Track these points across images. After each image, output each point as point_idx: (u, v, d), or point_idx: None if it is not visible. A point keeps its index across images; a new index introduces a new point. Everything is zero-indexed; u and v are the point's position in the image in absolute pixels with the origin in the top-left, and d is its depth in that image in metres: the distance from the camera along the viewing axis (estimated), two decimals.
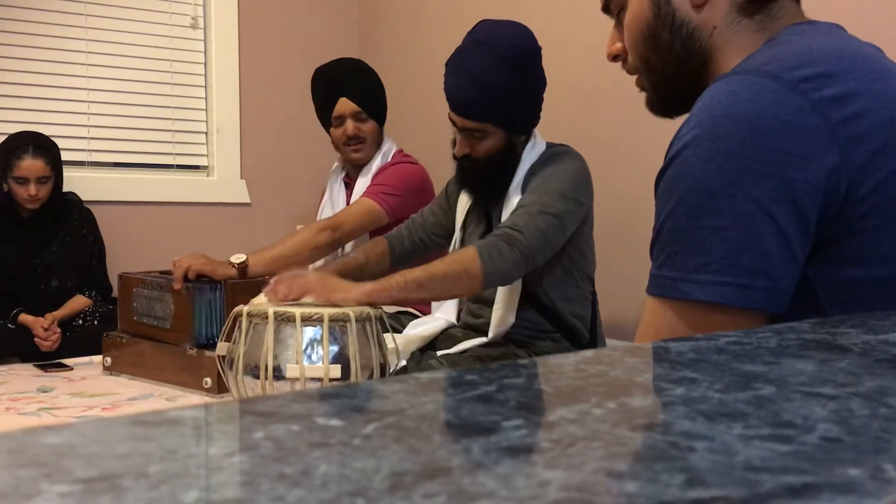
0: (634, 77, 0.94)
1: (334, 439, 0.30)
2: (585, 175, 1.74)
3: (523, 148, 1.78)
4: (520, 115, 1.73)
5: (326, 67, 2.34)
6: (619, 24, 0.94)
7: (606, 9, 0.96)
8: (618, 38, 0.94)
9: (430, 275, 1.55)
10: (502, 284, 1.67)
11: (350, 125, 2.26)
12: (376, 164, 2.30)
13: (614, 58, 0.95)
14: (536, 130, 1.82)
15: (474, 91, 1.68)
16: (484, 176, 1.77)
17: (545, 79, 1.79)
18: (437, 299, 1.83)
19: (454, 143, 1.80)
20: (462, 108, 1.72)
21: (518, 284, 1.73)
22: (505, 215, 1.73)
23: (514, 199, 1.73)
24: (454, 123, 1.76)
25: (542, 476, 0.26)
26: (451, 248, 1.91)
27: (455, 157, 1.80)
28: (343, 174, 2.41)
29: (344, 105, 2.27)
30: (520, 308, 1.76)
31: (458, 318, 1.91)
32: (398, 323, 2.08)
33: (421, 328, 1.86)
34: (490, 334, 1.74)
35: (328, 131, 2.34)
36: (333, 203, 2.37)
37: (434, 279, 1.55)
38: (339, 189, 2.40)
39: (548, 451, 0.29)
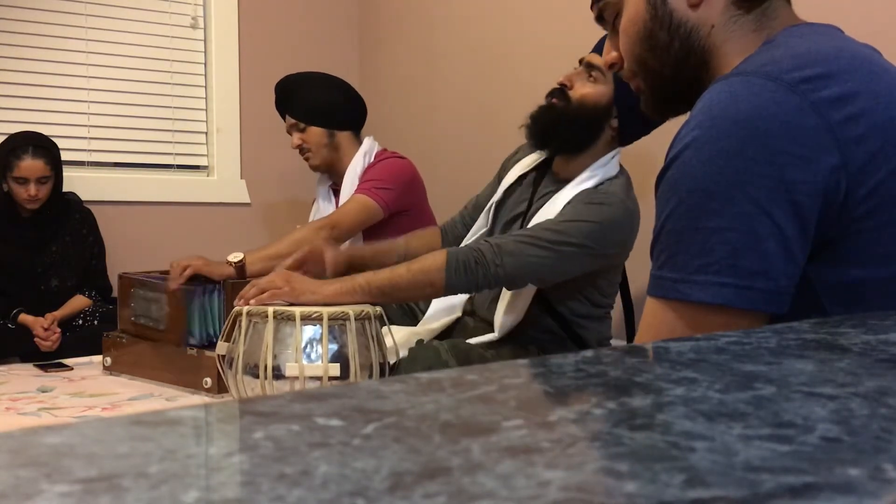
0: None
1: (334, 439, 0.30)
2: (621, 227, 1.65)
3: (608, 143, 1.73)
4: (633, 97, 1.71)
5: (274, 88, 2.40)
6: (614, 33, 0.94)
7: (600, 18, 0.96)
8: (613, 48, 0.95)
9: (394, 284, 1.58)
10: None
11: (294, 137, 2.35)
12: (360, 165, 2.30)
13: (611, 66, 0.96)
14: (620, 155, 1.76)
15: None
16: (561, 121, 1.70)
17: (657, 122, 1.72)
18: (398, 302, 1.88)
19: (550, 91, 1.75)
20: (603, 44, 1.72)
21: (529, 292, 1.71)
22: (543, 214, 1.69)
23: (557, 205, 1.67)
24: (580, 63, 1.73)
25: (542, 476, 0.26)
26: (486, 210, 1.88)
27: (549, 95, 1.75)
28: (329, 182, 2.43)
29: (286, 121, 2.37)
30: (536, 314, 1.75)
31: (471, 301, 1.89)
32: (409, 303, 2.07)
33: (434, 323, 1.86)
34: (496, 325, 1.73)
35: None
36: (323, 212, 2.38)
37: (397, 289, 1.58)
38: (327, 197, 2.42)
39: (548, 451, 0.29)
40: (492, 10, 2.56)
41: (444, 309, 1.89)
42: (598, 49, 1.71)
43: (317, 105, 2.32)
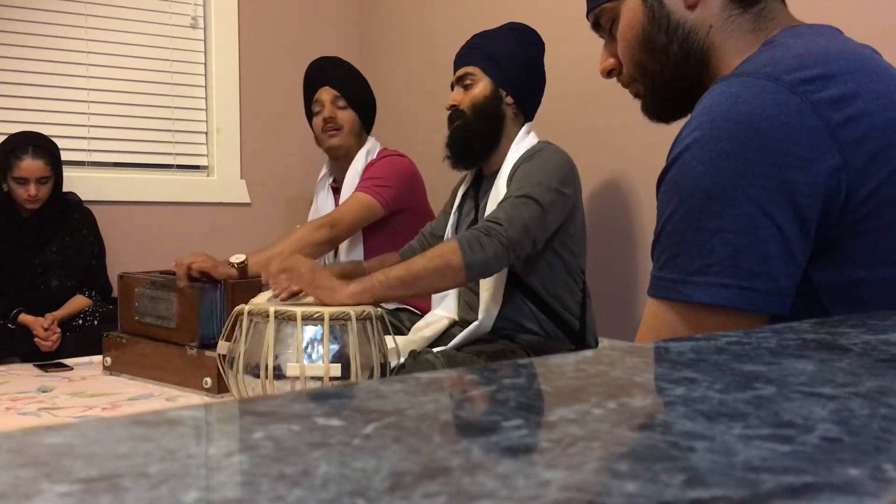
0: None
1: (334, 439, 0.30)
2: (570, 168, 1.76)
3: (515, 121, 1.85)
4: (512, 71, 1.83)
5: (314, 62, 2.41)
6: (610, 39, 0.94)
7: (597, 25, 0.97)
8: (609, 54, 0.95)
9: (412, 272, 1.57)
10: (485, 275, 1.70)
11: (328, 108, 2.32)
12: (361, 163, 2.30)
13: (608, 73, 0.96)
14: (532, 128, 1.86)
15: (473, 41, 1.88)
16: (470, 131, 1.83)
17: (544, 74, 1.89)
18: (422, 295, 1.85)
19: (448, 119, 1.89)
20: (458, 59, 1.89)
21: (503, 272, 1.76)
22: (491, 205, 1.76)
23: (501, 189, 1.76)
24: (452, 87, 1.90)
25: (542, 476, 0.26)
26: (446, 231, 1.96)
27: (449, 124, 1.89)
28: (330, 179, 2.42)
29: (324, 92, 2.34)
30: (511, 299, 1.79)
31: (458, 314, 1.92)
32: (397, 320, 2.08)
33: (425, 330, 1.87)
34: (480, 316, 1.76)
35: (311, 125, 2.39)
36: (321, 211, 2.37)
37: (416, 276, 1.57)
38: (326, 195, 2.41)
39: (548, 451, 0.29)
40: (492, 8, 2.56)
41: (434, 319, 1.91)
42: (454, 62, 1.92)
43: (360, 92, 2.36)
